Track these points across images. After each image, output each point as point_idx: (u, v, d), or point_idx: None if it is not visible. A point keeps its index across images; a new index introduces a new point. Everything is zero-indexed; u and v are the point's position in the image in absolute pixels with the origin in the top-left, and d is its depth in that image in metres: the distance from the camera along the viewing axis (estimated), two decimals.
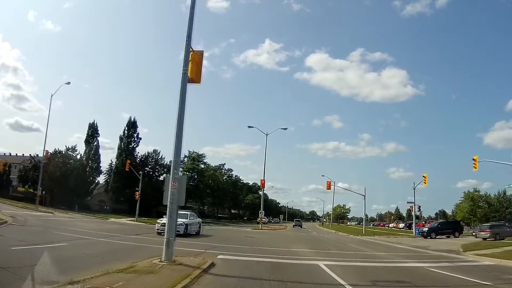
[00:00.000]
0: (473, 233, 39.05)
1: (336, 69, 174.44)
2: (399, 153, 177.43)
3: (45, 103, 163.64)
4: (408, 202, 45.74)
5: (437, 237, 35.10)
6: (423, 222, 62.72)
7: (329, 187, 53.56)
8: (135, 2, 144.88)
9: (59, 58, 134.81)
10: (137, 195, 40.58)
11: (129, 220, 37.90)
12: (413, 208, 44.45)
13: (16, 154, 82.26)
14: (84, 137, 60.45)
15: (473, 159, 31.57)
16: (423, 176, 40.91)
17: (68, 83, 41.31)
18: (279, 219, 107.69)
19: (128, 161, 40.80)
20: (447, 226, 39.27)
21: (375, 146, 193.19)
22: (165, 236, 9.16)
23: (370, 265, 13.08)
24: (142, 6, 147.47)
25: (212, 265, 9.99)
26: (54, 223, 23.74)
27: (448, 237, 35.79)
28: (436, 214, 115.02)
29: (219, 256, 12.31)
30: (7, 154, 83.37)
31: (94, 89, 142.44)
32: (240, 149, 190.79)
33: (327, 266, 11.24)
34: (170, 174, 9.52)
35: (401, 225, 77.18)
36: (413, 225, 44.51)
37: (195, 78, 10.58)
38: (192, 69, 10.51)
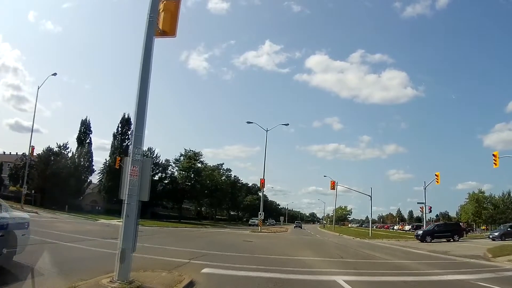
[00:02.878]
0: (490, 236, 36.12)
1: (336, 70, 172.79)
2: (399, 155, 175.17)
3: (45, 104, 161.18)
4: (418, 203, 43.23)
5: (433, 241, 31.45)
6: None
7: (333, 187, 51.47)
8: (135, 2, 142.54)
9: (59, 58, 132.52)
10: None
11: (119, 221, 35.04)
12: (424, 209, 41.62)
13: (10, 153, 79.56)
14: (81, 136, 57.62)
15: (493, 155, 29.30)
16: (435, 175, 38.40)
17: (55, 74, 38.59)
18: (279, 221, 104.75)
19: (118, 158, 37.95)
20: (445, 228, 35.38)
21: (375, 148, 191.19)
22: (119, 245, 6.31)
23: (403, 279, 10.00)
24: (142, 6, 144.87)
25: (190, 285, 7.14)
26: (31, 224, 21.07)
27: (448, 240, 32.14)
28: (437, 215, 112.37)
29: (205, 270, 9.28)
30: (1, 153, 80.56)
31: (95, 90, 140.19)
32: (240, 151, 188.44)
33: (350, 284, 8.32)
34: (129, 156, 6.70)
35: (407, 227, 74.42)
36: (423, 227, 41.67)
37: (169, 30, 7.86)
38: (165, 19, 7.78)
